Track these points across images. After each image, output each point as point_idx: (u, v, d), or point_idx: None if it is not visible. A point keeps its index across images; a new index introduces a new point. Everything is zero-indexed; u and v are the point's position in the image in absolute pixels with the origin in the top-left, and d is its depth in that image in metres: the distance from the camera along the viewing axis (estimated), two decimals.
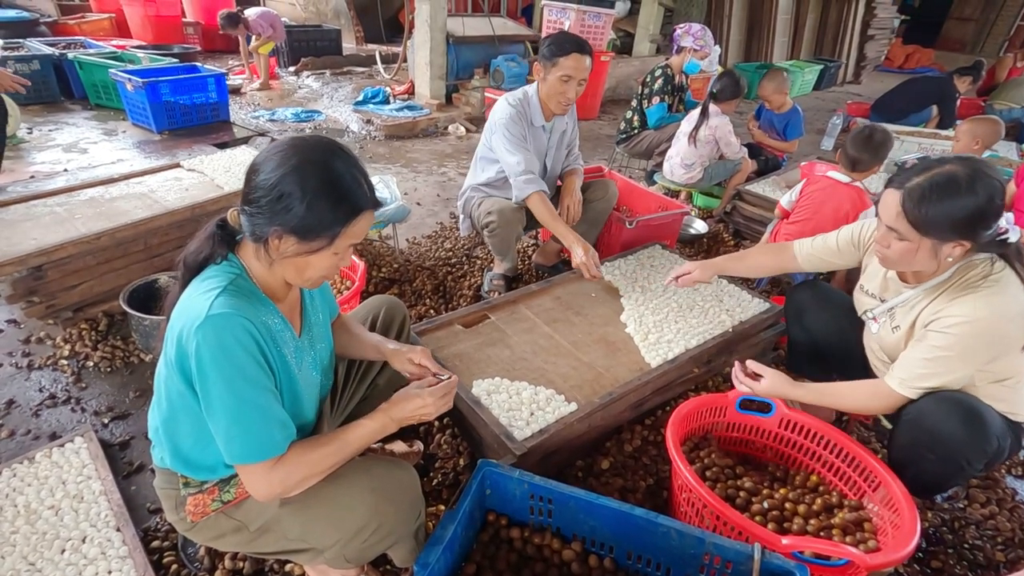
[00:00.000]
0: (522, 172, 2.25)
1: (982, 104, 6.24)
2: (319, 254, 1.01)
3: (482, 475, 1.28)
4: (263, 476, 0.98)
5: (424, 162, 4.43)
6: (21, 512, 1.44)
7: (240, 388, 0.94)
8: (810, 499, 1.48)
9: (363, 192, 1.01)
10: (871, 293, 1.62)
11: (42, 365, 2.01)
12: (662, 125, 3.71)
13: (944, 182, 1.26)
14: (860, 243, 1.70)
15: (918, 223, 1.29)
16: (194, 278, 1.02)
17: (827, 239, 1.77)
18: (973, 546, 1.60)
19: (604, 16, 5.70)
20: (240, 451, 0.96)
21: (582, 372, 1.80)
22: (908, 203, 1.29)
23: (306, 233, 0.97)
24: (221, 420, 0.94)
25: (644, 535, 1.21)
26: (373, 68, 6.84)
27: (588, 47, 2.18)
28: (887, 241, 1.38)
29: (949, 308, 1.34)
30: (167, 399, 1.03)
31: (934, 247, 1.31)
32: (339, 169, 0.99)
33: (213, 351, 0.91)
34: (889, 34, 10.42)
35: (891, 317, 1.53)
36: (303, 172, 0.95)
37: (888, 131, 2.46)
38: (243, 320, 0.94)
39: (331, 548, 1.09)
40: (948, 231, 1.28)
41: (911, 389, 1.39)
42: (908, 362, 1.40)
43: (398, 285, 2.62)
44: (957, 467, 1.39)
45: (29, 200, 2.35)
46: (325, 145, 1.01)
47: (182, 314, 0.96)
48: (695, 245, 3.29)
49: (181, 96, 4.34)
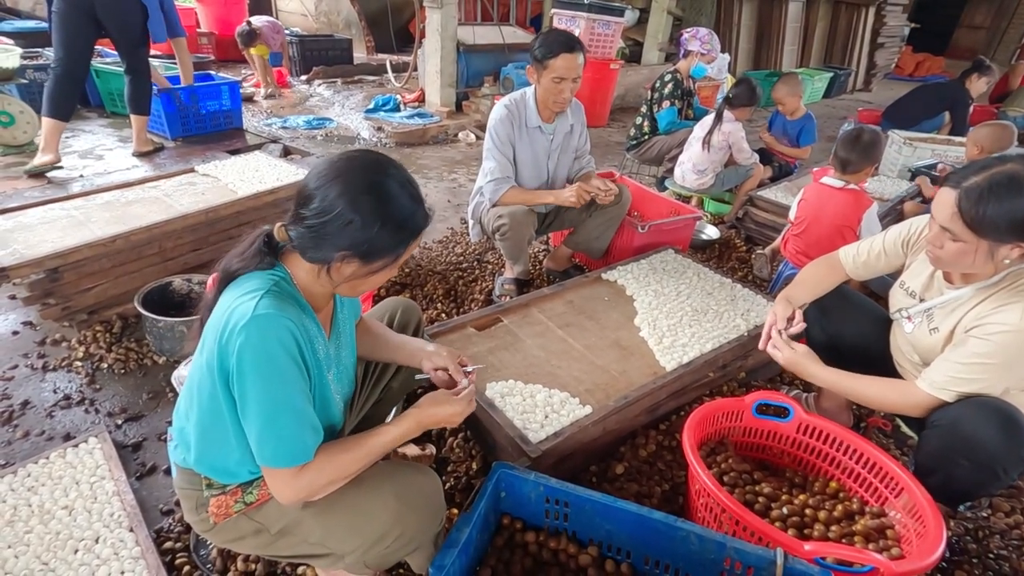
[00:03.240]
0: (492, 179, 2.29)
1: (995, 111, 6.18)
2: (380, 273, 1.04)
3: (497, 477, 1.26)
4: (289, 480, 0.97)
5: (434, 169, 4.45)
6: (35, 512, 1.44)
7: (277, 390, 0.94)
8: (830, 505, 1.45)
9: (422, 211, 1.04)
10: (911, 292, 1.58)
11: (57, 367, 2.02)
12: (672, 130, 3.70)
13: (1004, 181, 1.21)
14: (909, 244, 1.64)
15: (975, 224, 1.24)
16: (232, 282, 1.02)
17: (873, 244, 1.71)
18: (999, 556, 1.56)
19: (613, 25, 5.73)
20: (271, 454, 0.95)
21: (596, 376, 1.79)
22: (964, 203, 1.25)
23: (370, 256, 1.00)
24: (255, 421, 0.94)
25: (662, 540, 1.19)
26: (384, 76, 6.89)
27: (578, 44, 2.13)
28: (940, 241, 1.34)
29: (995, 315, 1.30)
30: (198, 399, 1.02)
31: (991, 249, 1.27)
32: (397, 192, 1.00)
33: (255, 351, 0.91)
34: (899, 42, 10.39)
35: (928, 318, 1.48)
36: (365, 198, 0.96)
37: (878, 131, 2.43)
38: (287, 321, 0.94)
39: (352, 553, 1.08)
40: (1007, 232, 1.23)
41: (945, 392, 1.34)
42: (944, 365, 1.36)
43: (409, 290, 2.62)
44: (992, 475, 1.34)
45: (46, 204, 2.38)
46: (380, 165, 1.01)
47: (225, 312, 0.96)
48: (707, 251, 3.27)
49: (195, 104, 4.39)
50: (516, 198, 2.30)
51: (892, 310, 1.64)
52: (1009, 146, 3.22)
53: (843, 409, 1.94)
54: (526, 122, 2.30)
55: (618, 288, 2.28)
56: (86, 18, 3.31)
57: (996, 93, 6.74)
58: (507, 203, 2.31)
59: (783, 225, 2.88)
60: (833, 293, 1.83)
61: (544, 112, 2.31)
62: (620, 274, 2.35)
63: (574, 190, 2.25)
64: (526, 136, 2.32)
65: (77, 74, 3.44)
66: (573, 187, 2.28)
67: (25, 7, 6.65)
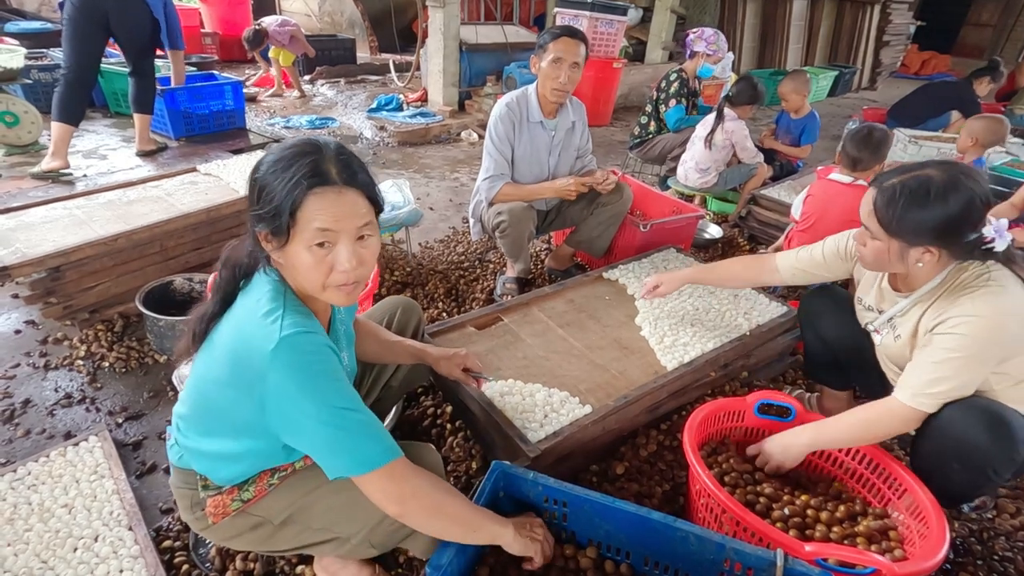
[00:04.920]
0: (487, 177, 2.31)
1: (1003, 109, 6.14)
2: (292, 246, 0.92)
3: (496, 476, 1.25)
4: (385, 483, 0.94)
5: (437, 168, 4.45)
6: (35, 510, 1.44)
7: (334, 400, 0.91)
8: (832, 506, 1.43)
9: (323, 165, 0.90)
10: (868, 306, 1.59)
11: (58, 365, 2.03)
12: (681, 128, 3.69)
13: (915, 187, 1.25)
14: (847, 254, 1.67)
15: (885, 223, 1.29)
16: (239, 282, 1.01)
17: (812, 251, 1.74)
18: (1003, 558, 1.54)
19: (616, 23, 5.71)
20: (358, 460, 0.92)
21: (596, 375, 1.78)
22: (879, 201, 1.30)
23: (270, 220, 0.90)
24: (320, 437, 0.91)
25: (661, 540, 1.18)
26: (387, 76, 6.90)
27: (580, 33, 2.17)
28: (864, 239, 1.38)
29: (951, 310, 1.30)
30: (205, 407, 1.02)
31: (901, 250, 1.30)
32: (301, 147, 0.92)
33: (296, 372, 0.88)
34: (905, 40, 10.32)
35: (892, 327, 1.49)
36: (272, 161, 0.93)
37: (887, 129, 2.42)
38: (315, 336, 0.93)
39: (357, 534, 1.07)
40: (914, 235, 1.27)
41: (925, 398, 1.31)
42: (916, 369, 1.34)
43: (411, 289, 2.62)
44: (984, 477, 1.33)
45: (48, 203, 2.38)
46: (302, 138, 0.97)
47: (240, 333, 0.93)
48: (710, 250, 3.25)
49: (198, 104, 4.40)
50: (512, 194, 2.30)
51: (863, 325, 1.64)
52: (1003, 139, 3.20)
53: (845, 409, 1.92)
54: (528, 117, 2.30)
55: (619, 287, 2.27)
56: (97, 26, 3.35)
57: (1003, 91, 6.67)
58: (503, 199, 2.30)
59: (787, 224, 2.86)
60: (826, 298, 1.82)
61: (546, 106, 2.30)
62: (621, 273, 2.34)
63: (571, 180, 2.27)
64: (527, 132, 2.31)
65: (87, 80, 3.47)
66: (570, 178, 2.28)
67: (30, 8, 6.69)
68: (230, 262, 1.02)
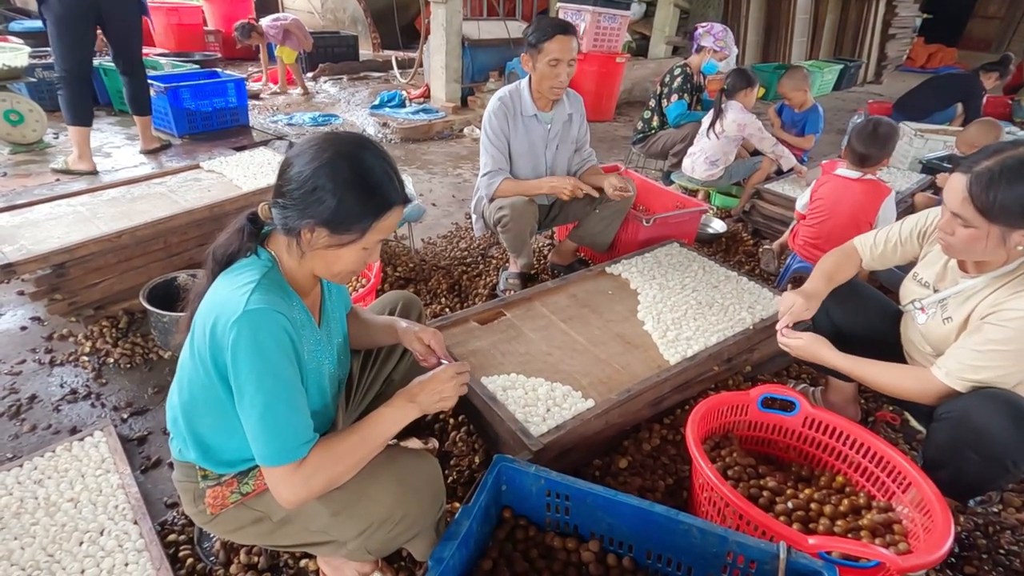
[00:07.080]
0: (486, 173, 2.30)
1: (1009, 102, 6.08)
2: (349, 247, 1.01)
3: (498, 470, 1.25)
4: (287, 479, 0.96)
5: (439, 164, 4.45)
6: (41, 504, 1.45)
7: (271, 386, 0.93)
8: (836, 500, 1.43)
9: (394, 187, 1.02)
10: (924, 282, 1.55)
11: (64, 361, 2.04)
12: (681, 123, 3.67)
13: (1016, 165, 1.19)
14: (925, 236, 1.62)
15: (986, 209, 1.22)
16: (223, 270, 1.02)
17: (889, 234, 1.69)
18: (1009, 552, 1.53)
19: (619, 18, 5.68)
20: (266, 452, 0.95)
21: (599, 369, 1.78)
22: (975, 187, 1.22)
23: (337, 226, 0.98)
24: (251, 418, 0.94)
25: (664, 533, 1.18)
26: (389, 73, 6.89)
27: (572, 28, 2.15)
28: (951, 228, 1.31)
29: (1011, 302, 1.27)
30: (189, 390, 1.03)
31: (1003, 234, 1.24)
32: (371, 163, 0.99)
33: (249, 347, 0.91)
34: (911, 33, 10.23)
35: (942, 308, 1.46)
36: (335, 165, 0.96)
37: (893, 123, 2.39)
38: (278, 315, 0.94)
39: (354, 539, 1.08)
40: (1018, 217, 1.21)
41: (959, 380, 1.32)
42: (959, 353, 1.33)
43: (413, 284, 2.62)
44: (1002, 468, 1.31)
45: (53, 200, 2.39)
46: (357, 140, 1.02)
47: (215, 306, 0.96)
48: (713, 245, 3.24)
49: (202, 101, 4.41)
50: (511, 190, 2.30)
51: (904, 302, 1.61)
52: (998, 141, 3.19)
53: (850, 403, 1.91)
54: (521, 111, 2.29)
55: (622, 281, 2.26)
56: (86, 19, 3.30)
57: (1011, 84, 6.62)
58: (503, 195, 2.30)
59: (791, 219, 2.84)
60: (843, 286, 1.80)
61: (540, 100, 2.29)
62: (624, 267, 2.33)
63: (569, 181, 2.26)
64: (521, 125, 2.30)
65: (85, 74, 3.46)
66: (568, 179, 2.28)
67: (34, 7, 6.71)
68: (219, 250, 1.04)
